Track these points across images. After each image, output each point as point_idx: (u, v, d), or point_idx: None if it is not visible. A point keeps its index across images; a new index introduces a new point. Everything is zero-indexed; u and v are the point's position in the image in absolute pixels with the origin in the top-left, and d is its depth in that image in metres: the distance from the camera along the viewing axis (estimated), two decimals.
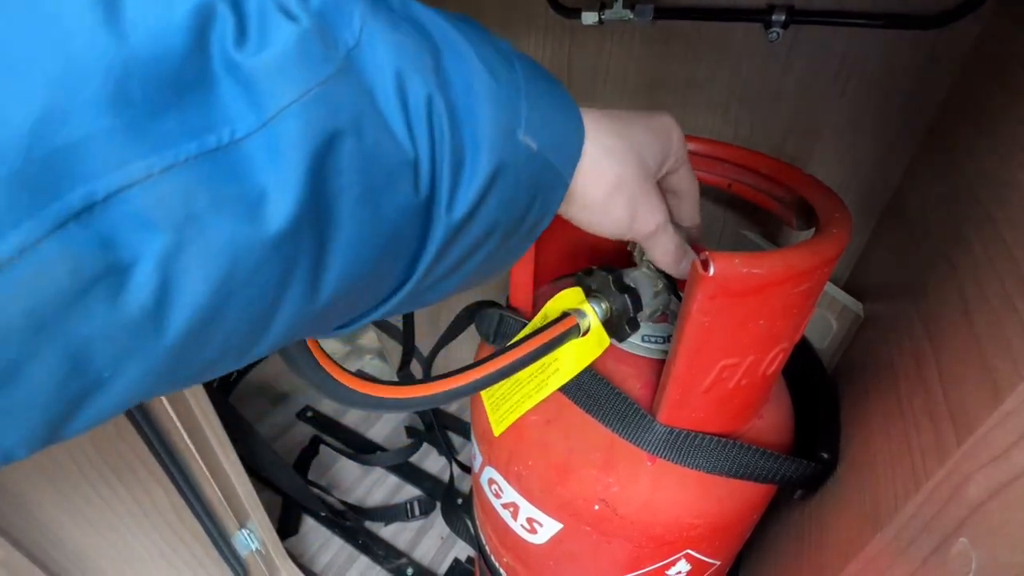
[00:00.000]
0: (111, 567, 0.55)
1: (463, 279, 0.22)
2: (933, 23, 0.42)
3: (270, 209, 0.14)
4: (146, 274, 0.13)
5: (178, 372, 0.15)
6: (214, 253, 0.13)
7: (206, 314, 0.14)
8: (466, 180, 0.19)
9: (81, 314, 0.12)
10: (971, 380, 0.23)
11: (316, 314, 0.17)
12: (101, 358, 0.13)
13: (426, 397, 0.29)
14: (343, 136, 0.15)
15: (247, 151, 0.13)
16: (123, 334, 0.13)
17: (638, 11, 0.52)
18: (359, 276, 0.17)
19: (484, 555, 0.54)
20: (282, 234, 0.14)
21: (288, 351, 0.24)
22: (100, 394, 0.14)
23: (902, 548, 0.24)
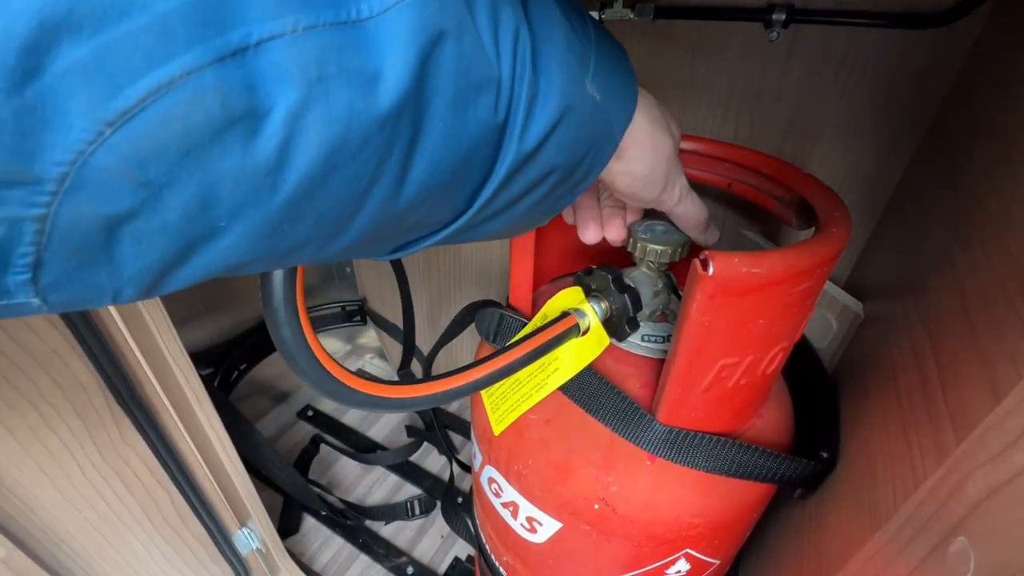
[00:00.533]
0: (112, 566, 0.55)
1: (513, 220, 0.24)
2: (933, 23, 0.42)
3: (382, 87, 0.15)
4: (276, 124, 0.14)
5: (275, 240, 0.16)
6: (333, 118, 0.15)
7: (314, 179, 0.15)
8: (538, 113, 0.20)
9: (220, 150, 0.13)
10: (970, 379, 0.23)
11: (394, 217, 0.19)
12: (224, 203, 0.14)
13: (426, 396, 0.29)
14: (447, 37, 0.16)
15: (371, 31, 0.15)
16: (247, 181, 0.14)
17: (638, 10, 0.52)
18: (436, 183, 0.19)
19: (484, 554, 0.54)
20: (388, 113, 0.16)
21: (288, 350, 0.24)
22: (211, 243, 0.15)
23: (901, 547, 0.25)
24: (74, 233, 0.13)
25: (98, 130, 0.12)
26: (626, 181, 0.29)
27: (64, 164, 0.12)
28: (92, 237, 0.13)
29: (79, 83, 0.11)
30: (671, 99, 0.58)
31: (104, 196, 0.13)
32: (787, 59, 0.50)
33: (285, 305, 0.23)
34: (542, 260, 0.45)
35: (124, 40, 0.11)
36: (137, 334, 0.46)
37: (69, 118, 0.11)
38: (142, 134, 0.12)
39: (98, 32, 0.11)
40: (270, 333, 0.24)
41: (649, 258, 0.37)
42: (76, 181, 0.12)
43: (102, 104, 0.12)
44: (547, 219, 0.28)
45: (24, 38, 0.10)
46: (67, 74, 0.11)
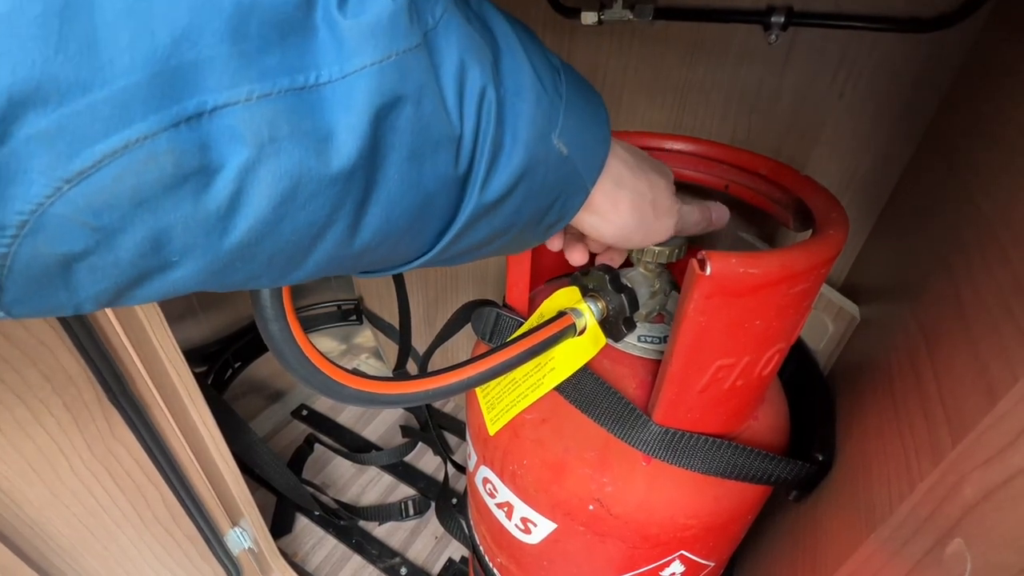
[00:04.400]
0: (103, 565, 0.54)
1: (484, 255, 0.25)
2: (932, 26, 0.42)
3: (334, 148, 0.16)
4: (227, 179, 0.15)
5: (228, 274, 0.17)
6: (282, 174, 0.16)
7: (264, 226, 0.16)
8: (501, 167, 0.21)
9: (172, 201, 0.15)
10: (966, 381, 0.23)
11: (349, 257, 0.20)
12: (175, 244, 0.15)
13: (420, 393, 0.29)
14: (406, 101, 0.17)
15: (326, 95, 0.16)
16: (197, 227, 0.15)
17: (638, 11, 0.52)
18: (392, 231, 0.20)
19: (478, 555, 0.54)
20: (339, 172, 0.17)
21: (277, 345, 0.24)
22: (165, 274, 0.16)
23: (897, 548, 0.24)
24: (32, 267, 0.14)
25: (56, 186, 0.13)
26: (602, 233, 0.30)
27: (24, 213, 0.13)
28: (49, 269, 0.15)
29: (41, 147, 0.13)
30: (670, 101, 0.58)
31: (60, 239, 0.14)
32: (786, 61, 0.50)
33: (272, 302, 0.23)
34: (539, 260, 0.45)
35: (85, 111, 0.13)
36: (130, 330, 0.46)
37: (30, 175, 0.13)
38: (97, 189, 0.14)
39: (61, 105, 0.13)
40: (259, 329, 0.24)
41: (646, 258, 0.37)
42: (35, 227, 0.13)
43: (61, 165, 0.13)
44: (524, 251, 0.29)
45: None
46: (30, 140, 0.13)
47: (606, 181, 0.28)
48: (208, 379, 0.90)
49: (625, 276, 0.38)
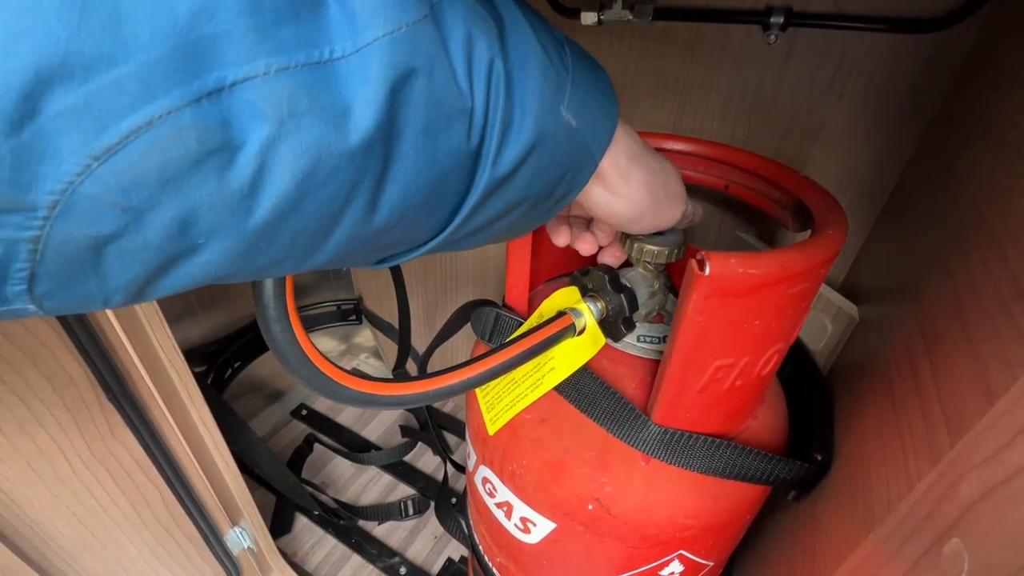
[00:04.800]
0: (102, 565, 0.54)
1: (495, 234, 0.25)
2: (931, 27, 0.42)
3: (352, 122, 0.16)
4: (249, 156, 0.15)
5: (253, 257, 0.17)
6: (303, 150, 0.16)
7: (287, 204, 0.16)
8: (512, 140, 0.21)
9: (197, 179, 0.15)
10: (965, 381, 0.23)
11: (368, 236, 0.20)
12: (202, 225, 0.15)
13: (420, 394, 0.29)
14: (418, 73, 0.17)
15: (342, 70, 0.16)
16: (223, 206, 0.15)
17: (637, 12, 0.52)
18: (409, 208, 0.20)
19: (477, 555, 0.54)
20: (358, 146, 0.17)
21: (278, 346, 0.24)
22: (191, 258, 0.16)
23: (895, 548, 0.24)
24: (64, 251, 0.14)
25: (86, 164, 0.13)
26: (614, 210, 0.30)
27: (55, 193, 0.13)
28: (81, 253, 0.14)
29: (69, 124, 0.13)
30: (670, 101, 0.58)
31: (91, 220, 0.14)
32: (785, 62, 0.50)
33: (275, 302, 0.23)
34: (539, 260, 0.45)
35: (110, 86, 0.13)
36: (130, 330, 0.46)
37: (60, 153, 0.13)
38: (125, 167, 0.14)
39: (87, 80, 0.12)
40: (261, 330, 0.24)
41: (645, 258, 0.37)
42: (66, 207, 0.13)
43: (90, 142, 0.13)
44: (530, 231, 0.29)
45: (21, 86, 0.12)
46: (59, 116, 0.12)
47: (618, 155, 0.28)
48: (208, 379, 0.90)
49: (624, 276, 0.38)
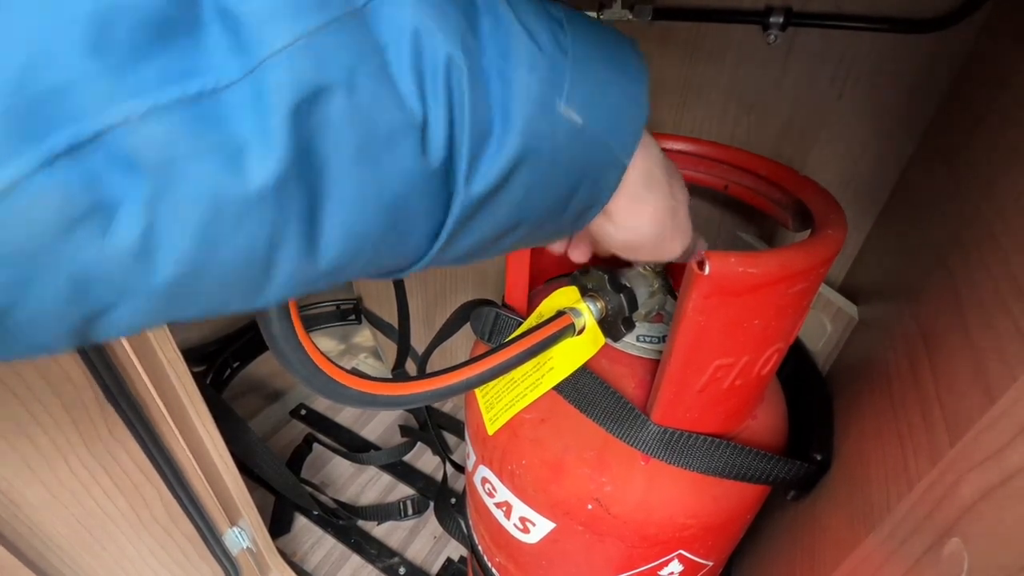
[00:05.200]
0: (101, 565, 0.54)
1: (506, 250, 0.22)
2: (930, 27, 0.42)
3: (252, 162, 0.14)
4: (131, 215, 0.13)
5: (181, 308, 0.15)
6: (194, 200, 0.13)
7: (193, 260, 0.14)
8: (490, 153, 0.18)
9: (73, 246, 0.13)
10: (964, 381, 0.23)
11: (322, 275, 0.17)
12: (102, 287, 0.14)
13: (420, 394, 0.29)
14: (332, 90, 0.14)
15: (230, 99, 0.13)
16: (117, 270, 0.13)
17: (637, 12, 0.52)
18: (364, 243, 0.17)
19: (477, 555, 0.54)
20: (264, 188, 0.14)
21: (280, 346, 0.24)
22: (112, 313, 0.14)
23: (895, 548, 0.24)
24: None
25: None
26: (612, 240, 0.26)
27: None
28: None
29: None
30: (670, 101, 0.58)
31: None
32: (785, 61, 0.50)
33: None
34: (539, 260, 0.45)
35: None
36: None
37: None
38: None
39: None
40: (261, 329, 0.24)
41: None
42: None
43: None
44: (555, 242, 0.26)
45: None
46: None
47: (635, 174, 0.23)
48: (207, 379, 0.90)
49: (624, 276, 0.38)
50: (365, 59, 0.15)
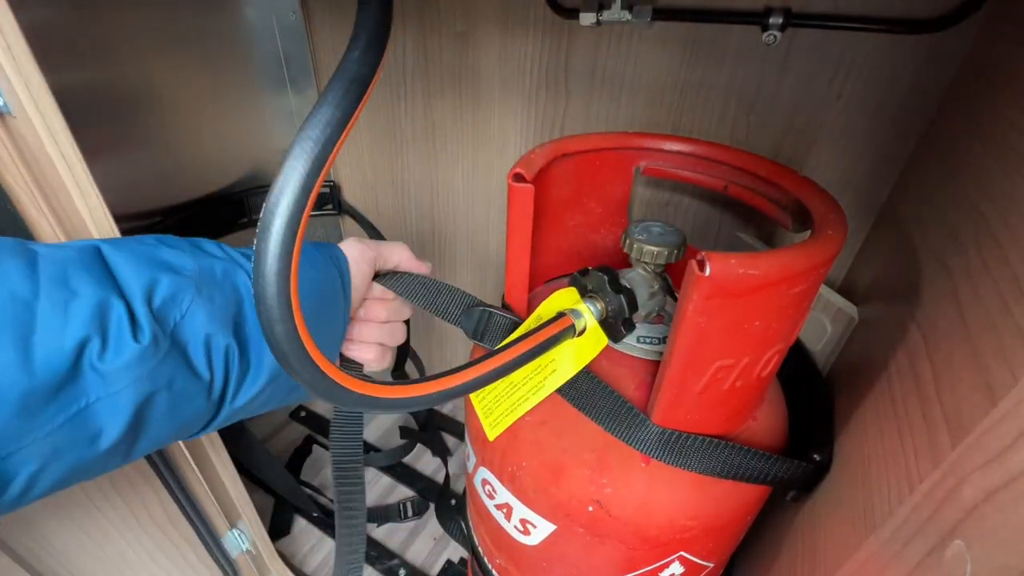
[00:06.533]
0: (99, 567, 0.54)
1: (261, 411, 0.35)
2: (929, 27, 0.42)
3: (103, 439, 0.25)
4: (18, 484, 0.24)
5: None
6: (62, 466, 0.25)
7: (52, 490, 0.26)
8: (248, 384, 0.31)
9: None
10: (966, 382, 0.23)
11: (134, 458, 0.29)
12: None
13: (420, 397, 0.28)
14: (159, 392, 0.26)
15: (96, 409, 0.25)
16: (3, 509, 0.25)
17: (636, 12, 0.52)
18: (162, 444, 0.30)
19: (477, 556, 0.54)
20: (107, 449, 0.26)
21: (281, 349, 0.24)
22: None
23: (896, 550, 0.24)
24: None
25: None
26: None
27: None
28: None
29: None
30: (668, 101, 0.58)
31: None
32: (784, 62, 0.50)
33: (279, 301, 0.23)
34: (539, 261, 0.45)
35: None
36: None
37: None
38: None
39: None
40: (262, 331, 0.24)
41: (645, 259, 0.37)
42: None
43: None
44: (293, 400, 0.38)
45: None
46: None
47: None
48: None
49: (624, 277, 0.38)
50: (179, 365, 0.27)
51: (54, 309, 0.24)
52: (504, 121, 0.72)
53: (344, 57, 0.22)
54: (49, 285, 0.24)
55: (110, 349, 0.24)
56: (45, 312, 0.23)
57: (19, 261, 0.24)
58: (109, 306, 0.25)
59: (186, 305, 0.28)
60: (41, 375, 0.23)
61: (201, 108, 0.77)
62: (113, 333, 0.25)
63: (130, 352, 0.25)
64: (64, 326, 0.24)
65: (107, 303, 0.25)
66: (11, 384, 0.22)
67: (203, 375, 0.28)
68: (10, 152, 0.36)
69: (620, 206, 0.49)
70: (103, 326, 0.25)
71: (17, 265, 0.24)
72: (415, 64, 0.75)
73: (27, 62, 0.33)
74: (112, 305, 0.25)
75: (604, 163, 0.45)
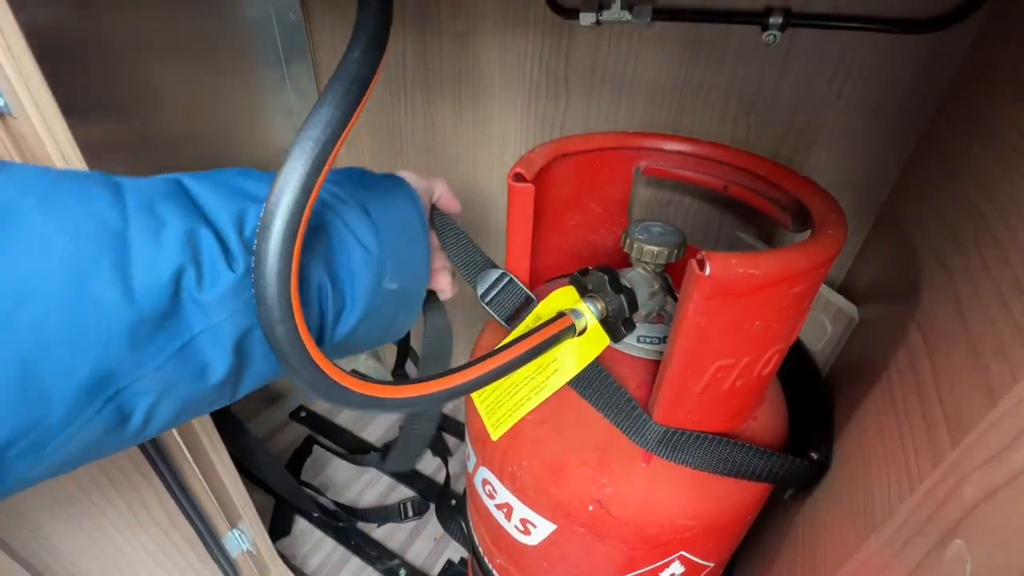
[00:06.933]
0: (99, 568, 0.54)
1: (364, 348, 0.36)
2: (929, 27, 0.42)
3: (211, 373, 0.26)
4: (138, 417, 0.24)
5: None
6: (176, 399, 0.25)
7: (167, 427, 0.26)
8: (344, 320, 0.31)
9: (104, 441, 0.24)
10: (966, 381, 0.23)
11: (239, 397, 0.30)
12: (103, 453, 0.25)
13: (420, 397, 0.28)
14: (254, 328, 0.26)
15: (200, 341, 0.25)
16: (115, 445, 0.25)
17: (636, 12, 0.52)
18: (266, 380, 0.30)
19: (477, 556, 0.54)
20: (216, 384, 0.26)
21: (281, 348, 0.24)
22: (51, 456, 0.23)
23: (897, 550, 0.24)
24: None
25: (28, 471, 0.22)
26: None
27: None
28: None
29: (21, 457, 0.21)
30: (668, 101, 0.58)
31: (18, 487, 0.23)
32: (784, 62, 0.50)
33: (279, 301, 0.23)
34: (539, 261, 0.45)
35: (44, 427, 0.21)
36: None
37: (11, 473, 0.21)
38: (60, 462, 0.23)
39: (29, 434, 0.21)
40: (263, 330, 0.24)
41: (645, 259, 0.37)
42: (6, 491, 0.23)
43: (36, 461, 0.22)
44: (403, 334, 0.38)
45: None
46: (15, 456, 0.21)
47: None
48: None
49: (624, 277, 0.38)
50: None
51: (146, 238, 0.23)
52: (504, 121, 0.72)
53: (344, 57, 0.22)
54: (138, 214, 0.23)
55: (206, 279, 0.24)
56: (137, 241, 0.22)
57: (105, 190, 0.23)
58: (199, 236, 0.24)
59: None
60: (144, 306, 0.22)
61: (201, 108, 0.77)
62: (207, 263, 0.24)
63: (226, 282, 0.24)
64: (158, 255, 0.23)
65: (197, 232, 0.24)
66: (118, 316, 0.21)
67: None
68: (10, 152, 0.36)
69: (620, 206, 0.49)
70: (196, 256, 0.24)
71: (103, 193, 0.23)
72: (415, 64, 0.75)
73: (27, 62, 0.33)
74: (202, 235, 0.24)
75: (604, 163, 0.45)
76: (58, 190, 0.22)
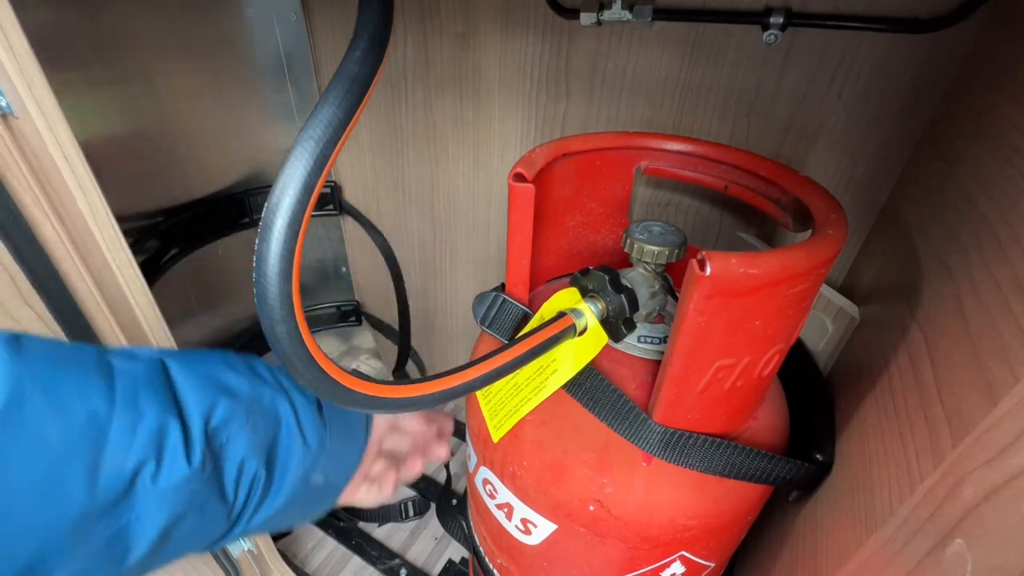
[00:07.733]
0: None
1: (268, 532, 0.37)
2: (929, 27, 0.42)
3: (131, 556, 0.26)
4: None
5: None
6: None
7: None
8: (266, 506, 0.32)
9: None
10: (966, 382, 0.23)
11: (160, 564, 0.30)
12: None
13: (421, 397, 0.28)
14: (190, 512, 0.27)
15: (132, 527, 0.25)
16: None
17: (636, 12, 0.52)
18: (167, 562, 0.30)
19: (478, 556, 0.54)
20: (130, 567, 0.26)
21: (283, 348, 0.24)
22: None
23: (897, 549, 0.24)
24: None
25: None
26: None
27: None
28: None
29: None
30: (669, 101, 0.58)
31: None
32: (784, 62, 0.50)
33: (281, 302, 0.23)
34: (539, 261, 0.45)
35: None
36: (127, 331, 0.46)
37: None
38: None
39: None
40: (264, 331, 0.24)
41: (645, 259, 0.37)
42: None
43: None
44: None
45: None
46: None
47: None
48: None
49: (625, 277, 0.38)
50: (211, 490, 0.28)
51: (124, 431, 0.24)
52: (504, 121, 0.72)
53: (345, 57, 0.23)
54: (122, 407, 0.25)
55: (163, 470, 0.25)
56: (116, 434, 0.24)
57: (100, 380, 0.25)
58: (168, 429, 0.26)
59: (234, 430, 0.29)
60: (100, 498, 0.23)
61: (202, 108, 0.77)
62: (168, 455, 0.26)
63: (180, 474, 0.26)
64: (128, 451, 0.24)
65: (167, 426, 0.26)
66: (74, 505, 0.22)
67: (229, 498, 0.29)
68: (12, 152, 0.36)
69: (620, 206, 0.49)
70: (160, 448, 0.25)
71: (98, 385, 0.25)
72: (416, 64, 0.75)
73: (30, 63, 0.33)
74: (171, 428, 0.26)
75: (605, 163, 0.45)
76: (60, 380, 0.24)
